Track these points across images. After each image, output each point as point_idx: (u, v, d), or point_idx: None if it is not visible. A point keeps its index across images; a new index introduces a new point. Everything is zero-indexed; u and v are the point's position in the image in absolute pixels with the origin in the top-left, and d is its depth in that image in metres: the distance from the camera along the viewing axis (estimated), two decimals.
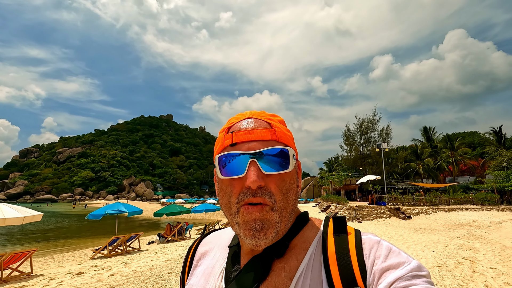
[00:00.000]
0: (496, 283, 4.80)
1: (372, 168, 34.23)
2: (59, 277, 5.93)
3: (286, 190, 0.51)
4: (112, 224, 25.16)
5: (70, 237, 18.42)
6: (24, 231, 21.20)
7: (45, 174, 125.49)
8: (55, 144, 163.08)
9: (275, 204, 0.49)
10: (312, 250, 0.52)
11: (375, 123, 35.56)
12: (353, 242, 0.50)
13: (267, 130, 0.52)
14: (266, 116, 0.55)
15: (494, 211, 20.98)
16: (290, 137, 0.56)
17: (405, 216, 18.25)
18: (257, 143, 0.50)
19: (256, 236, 0.48)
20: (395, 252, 0.47)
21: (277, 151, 0.50)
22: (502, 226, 13.36)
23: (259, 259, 0.52)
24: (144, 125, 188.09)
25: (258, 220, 0.48)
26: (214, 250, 0.62)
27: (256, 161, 0.49)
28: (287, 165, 0.51)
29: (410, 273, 0.42)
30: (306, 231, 0.55)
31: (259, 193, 0.49)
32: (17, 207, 7.05)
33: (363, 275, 0.45)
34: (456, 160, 38.52)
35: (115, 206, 10.43)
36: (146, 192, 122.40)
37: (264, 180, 0.49)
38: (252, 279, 0.50)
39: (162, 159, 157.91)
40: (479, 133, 58.68)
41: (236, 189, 0.50)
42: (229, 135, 0.52)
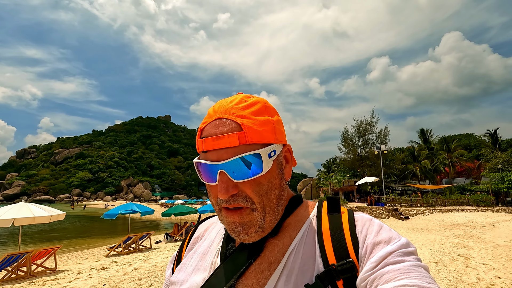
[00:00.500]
0: (487, 276, 5.29)
1: (370, 169, 34.75)
2: (85, 271, 6.34)
3: (264, 191, 0.51)
4: (111, 225, 25.49)
5: (74, 237, 18.73)
6: (28, 232, 21.47)
7: (43, 175, 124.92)
8: (53, 144, 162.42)
9: (253, 206, 0.50)
10: (306, 227, 0.53)
11: (373, 125, 36.13)
12: (346, 220, 0.52)
13: (235, 134, 0.49)
14: (238, 113, 0.51)
15: (489, 212, 21.55)
16: (268, 130, 0.52)
17: (402, 216, 18.78)
18: (225, 150, 0.49)
19: (237, 236, 0.51)
20: (385, 229, 0.49)
21: (248, 160, 0.49)
22: (496, 226, 13.88)
23: None
24: (142, 126, 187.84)
25: (238, 223, 0.50)
26: (212, 232, 0.65)
27: (225, 172, 0.48)
28: (259, 168, 0.49)
29: (401, 249, 0.44)
30: (300, 211, 0.57)
31: (233, 200, 0.49)
32: (43, 206, 7.47)
33: (356, 248, 0.47)
34: (453, 162, 39.23)
35: (128, 206, 10.84)
36: (144, 193, 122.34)
37: (236, 187, 0.49)
38: (247, 255, 0.52)
39: (160, 160, 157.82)
40: (475, 135, 59.71)
41: (214, 194, 0.52)
42: (200, 141, 0.52)
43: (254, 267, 0.51)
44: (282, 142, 0.55)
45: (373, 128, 36.08)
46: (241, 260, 0.52)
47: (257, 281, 0.49)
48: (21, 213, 6.58)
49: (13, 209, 6.79)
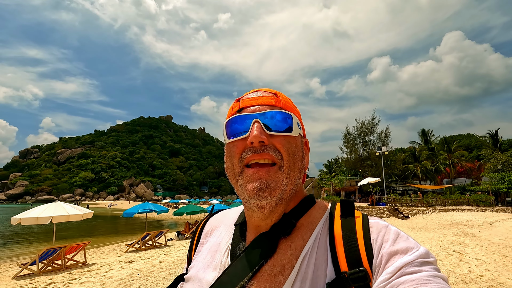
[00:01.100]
0: (478, 269, 5.87)
1: (371, 170, 35.25)
2: (115, 264, 6.95)
3: (292, 152, 0.51)
4: (116, 224, 26.11)
5: (85, 236, 19.35)
6: (38, 231, 22.12)
7: (45, 175, 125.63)
8: (55, 144, 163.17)
9: (282, 162, 0.50)
10: (319, 230, 0.52)
11: (374, 126, 36.63)
12: (361, 225, 0.50)
13: (272, 97, 0.54)
14: (273, 90, 0.58)
15: (488, 212, 22.02)
16: (297, 111, 0.58)
17: (403, 216, 19.34)
18: (262, 106, 0.52)
19: (261, 195, 0.48)
20: (403, 237, 0.47)
21: (282, 114, 0.52)
22: (494, 226, 14.38)
23: (266, 236, 0.52)
24: (144, 126, 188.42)
25: (263, 179, 0.49)
26: (220, 228, 0.64)
27: (260, 121, 0.50)
28: (291, 129, 0.52)
29: (418, 259, 0.42)
30: (313, 211, 0.56)
31: (263, 150, 0.49)
32: (74, 205, 8.11)
33: (369, 257, 0.46)
34: (453, 162, 39.69)
35: (145, 205, 11.48)
36: (146, 192, 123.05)
37: (268, 139, 0.50)
38: (259, 255, 0.50)
39: (162, 160, 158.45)
40: (476, 136, 60.07)
41: (239, 149, 0.51)
42: (237, 103, 0.55)
43: (267, 269, 0.49)
44: (304, 132, 0.59)
45: (375, 129, 36.59)
46: (253, 260, 0.50)
47: (270, 285, 0.48)
48: (58, 212, 7.23)
49: (49, 208, 7.45)
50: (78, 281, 5.72)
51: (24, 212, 7.30)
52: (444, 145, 42.02)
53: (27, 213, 7.20)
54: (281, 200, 0.50)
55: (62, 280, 5.84)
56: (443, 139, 44.25)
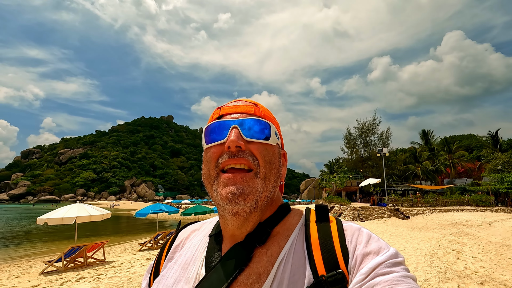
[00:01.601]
0: (474, 266, 6.25)
1: (372, 170, 35.61)
2: (134, 261, 7.35)
3: (269, 160, 0.52)
4: (118, 224, 26.51)
5: (92, 235, 19.77)
6: (45, 231, 22.57)
7: (47, 175, 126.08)
8: (57, 145, 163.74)
9: (258, 169, 0.50)
10: (294, 236, 0.52)
11: (375, 126, 37.00)
12: (335, 229, 0.51)
13: (252, 106, 0.56)
14: (253, 101, 0.59)
15: (488, 212, 22.36)
16: (275, 122, 0.59)
17: (404, 216, 19.70)
18: (241, 114, 0.54)
19: (234, 200, 0.48)
20: (374, 239, 0.49)
21: (260, 122, 0.53)
22: (493, 226, 14.74)
23: (241, 246, 0.52)
24: (145, 126, 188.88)
25: (238, 184, 0.48)
26: (193, 240, 0.62)
27: (238, 127, 0.51)
28: (268, 138, 0.52)
29: (390, 259, 0.44)
30: (289, 219, 0.56)
31: (240, 155, 0.49)
32: (94, 207, 8.55)
33: (345, 258, 0.47)
34: (453, 162, 40.00)
35: (157, 206, 11.92)
36: (147, 193, 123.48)
37: (245, 145, 0.50)
38: (234, 266, 0.50)
39: (163, 160, 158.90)
40: (476, 136, 60.32)
41: (215, 154, 0.51)
42: (217, 110, 0.56)
43: (242, 279, 0.49)
44: (282, 143, 0.61)
45: (375, 130, 36.97)
46: (227, 270, 0.49)
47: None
48: (81, 213, 7.67)
49: (72, 209, 7.87)
50: (105, 276, 6.11)
51: (50, 213, 7.75)
52: (445, 145, 42.32)
53: (52, 214, 7.65)
54: (255, 207, 0.50)
55: (91, 275, 6.25)
56: (443, 139, 44.55)
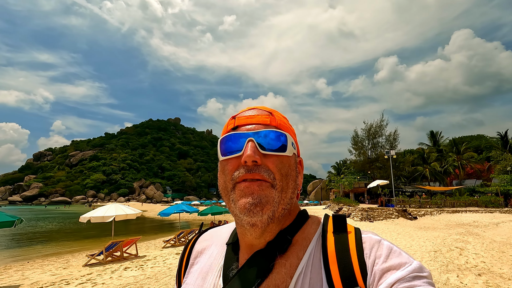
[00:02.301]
0: (475, 261, 6.81)
1: (380, 171, 35.85)
2: (166, 256, 8.13)
3: (285, 173, 0.51)
4: (135, 225, 27.52)
5: (110, 235, 20.73)
6: (65, 231, 23.67)
7: (59, 177, 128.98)
8: (67, 147, 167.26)
9: (274, 181, 0.49)
10: (312, 248, 0.51)
11: (383, 128, 37.29)
12: (353, 241, 0.49)
13: (268, 115, 0.54)
14: (269, 108, 0.58)
15: (496, 213, 22.47)
16: (291, 130, 0.58)
17: (411, 217, 20.11)
18: (257, 125, 0.52)
19: (252, 210, 0.47)
20: (396, 252, 0.47)
21: (276, 134, 0.51)
22: (499, 226, 15.02)
23: (262, 255, 0.51)
24: (153, 129, 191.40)
25: (255, 194, 0.48)
26: (211, 248, 0.61)
27: (254, 140, 0.50)
28: (285, 148, 0.51)
29: (411, 274, 0.42)
30: (307, 227, 0.55)
31: (255, 169, 0.49)
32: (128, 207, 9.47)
33: (364, 274, 0.45)
34: (462, 164, 39.94)
35: (180, 206, 12.81)
36: (156, 194, 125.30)
37: (261, 159, 0.49)
38: (255, 276, 0.49)
39: (171, 162, 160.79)
40: (486, 137, 59.74)
41: (232, 167, 0.51)
42: (232, 121, 0.55)
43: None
44: (298, 152, 0.59)
45: (383, 131, 37.26)
46: (247, 282, 0.49)
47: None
48: (118, 211, 8.63)
49: (111, 208, 8.85)
50: (147, 266, 6.90)
51: (91, 212, 8.78)
52: (453, 146, 42.26)
53: (94, 213, 8.65)
54: (272, 219, 0.49)
55: (135, 265, 7.04)
56: (452, 141, 44.48)
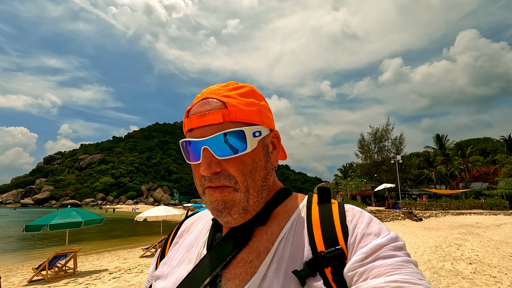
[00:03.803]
0: (469, 254, 7.92)
1: (386, 175, 36.73)
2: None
3: (248, 171, 0.51)
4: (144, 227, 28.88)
5: (133, 235, 22.18)
6: (89, 231, 25.14)
7: (69, 180, 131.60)
8: (76, 151, 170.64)
9: (236, 185, 0.50)
10: (295, 216, 0.53)
11: (389, 132, 38.24)
12: (337, 209, 0.52)
13: (219, 111, 0.50)
14: (224, 93, 0.53)
15: (501, 216, 23.18)
16: (254, 111, 0.53)
17: (417, 218, 21.09)
18: (209, 127, 0.50)
19: (219, 215, 0.50)
20: (376, 221, 0.50)
21: (231, 135, 0.49)
22: (501, 227, 15.90)
23: (241, 226, 0.53)
24: (159, 132, 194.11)
25: (219, 201, 0.50)
26: (198, 225, 0.65)
27: (208, 148, 0.49)
28: (243, 146, 0.50)
29: (392, 243, 0.45)
30: (289, 202, 0.57)
31: (216, 178, 0.49)
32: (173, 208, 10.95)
33: (345, 236, 0.47)
34: (468, 167, 40.53)
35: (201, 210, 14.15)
36: (163, 197, 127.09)
37: (220, 165, 0.49)
38: (234, 244, 0.51)
39: (178, 165, 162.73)
40: (493, 139, 59.95)
41: (198, 174, 0.52)
42: (186, 120, 0.53)
43: (242, 256, 0.50)
44: (269, 126, 0.56)
45: (389, 135, 38.21)
46: (227, 249, 0.51)
47: (245, 270, 0.48)
48: (168, 212, 10.18)
49: (160, 209, 10.39)
50: None
51: (145, 212, 10.38)
52: (458, 150, 42.88)
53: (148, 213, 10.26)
54: (245, 213, 0.51)
55: None
56: (457, 144, 45.11)
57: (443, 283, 5.30)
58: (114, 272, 7.22)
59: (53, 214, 7.07)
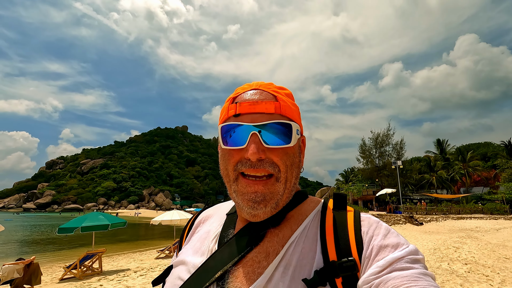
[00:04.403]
0: (466, 256, 8.44)
1: (387, 179, 37.12)
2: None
3: (290, 163, 0.52)
4: (159, 231, 29.36)
5: (140, 239, 22.66)
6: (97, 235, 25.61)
7: (71, 185, 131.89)
8: (78, 155, 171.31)
9: (279, 174, 0.50)
10: (308, 221, 0.53)
11: (389, 137, 38.78)
12: (352, 218, 0.51)
13: (272, 102, 0.51)
14: (273, 88, 0.56)
15: (501, 220, 23.49)
16: (296, 112, 0.57)
17: (417, 222, 21.54)
18: (261, 115, 0.50)
19: (255, 207, 0.50)
20: (394, 233, 0.49)
21: (280, 125, 0.50)
22: (500, 232, 16.24)
23: (254, 226, 0.53)
24: (161, 136, 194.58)
25: (259, 192, 0.50)
26: (213, 218, 0.66)
27: (258, 134, 0.49)
28: (289, 139, 0.51)
29: (409, 255, 0.44)
30: (304, 205, 0.57)
31: (260, 165, 0.49)
32: (185, 212, 11.53)
33: (359, 248, 0.47)
34: (468, 172, 40.90)
35: None
36: (165, 201, 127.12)
37: (265, 153, 0.50)
38: (245, 243, 0.52)
39: (179, 169, 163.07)
40: (493, 144, 60.32)
41: (234, 158, 0.51)
42: (233, 105, 0.52)
43: (252, 256, 0.51)
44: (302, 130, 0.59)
45: (390, 140, 38.75)
46: (239, 246, 0.52)
47: (253, 270, 0.49)
48: (182, 216, 10.73)
49: (175, 213, 10.91)
50: None
51: (159, 217, 10.87)
52: (459, 155, 43.29)
53: (162, 217, 10.78)
54: (276, 208, 0.52)
55: None
56: (457, 149, 45.53)
57: (437, 280, 5.85)
58: (138, 270, 7.73)
59: (82, 217, 7.65)
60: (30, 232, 30.97)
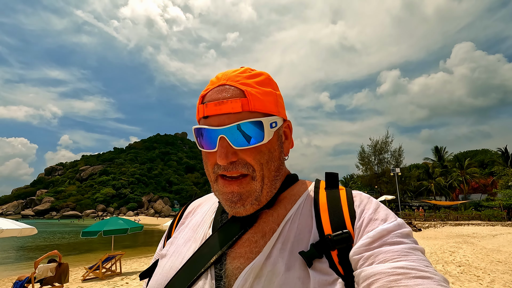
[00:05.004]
0: (460, 259, 8.97)
1: (386, 186, 37.54)
2: None
3: (265, 160, 0.51)
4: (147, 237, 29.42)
5: (143, 245, 22.99)
6: (97, 242, 25.89)
7: (70, 191, 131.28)
8: (78, 162, 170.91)
9: (254, 173, 0.50)
10: (302, 200, 0.55)
11: (388, 144, 39.40)
12: (345, 195, 0.53)
13: (238, 100, 0.49)
14: (242, 80, 0.53)
15: (498, 226, 23.88)
16: (270, 101, 0.54)
17: (416, 229, 22.02)
18: (227, 116, 0.49)
19: (233, 206, 0.51)
20: (383, 208, 0.50)
21: (249, 125, 0.49)
22: (496, 238, 16.60)
23: None
24: (160, 143, 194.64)
25: (235, 192, 0.50)
26: (204, 206, 0.65)
27: (226, 137, 0.48)
28: (261, 137, 0.50)
29: (398, 229, 0.45)
30: (296, 186, 0.59)
31: (232, 167, 0.49)
32: None
33: (352, 220, 0.48)
34: (466, 179, 41.46)
35: None
36: (164, 208, 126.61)
37: (236, 154, 0.49)
38: (240, 225, 0.53)
39: (178, 176, 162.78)
40: (491, 151, 61.08)
41: (211, 161, 0.52)
42: (201, 107, 0.52)
43: (248, 236, 0.51)
44: (283, 116, 0.57)
45: (388, 147, 39.36)
46: (234, 230, 0.52)
47: (250, 249, 0.49)
48: None
49: None
50: None
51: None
52: (457, 162, 43.90)
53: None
54: (258, 203, 0.52)
55: None
56: (455, 156, 46.19)
57: None
58: None
59: (103, 221, 8.17)
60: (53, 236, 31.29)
